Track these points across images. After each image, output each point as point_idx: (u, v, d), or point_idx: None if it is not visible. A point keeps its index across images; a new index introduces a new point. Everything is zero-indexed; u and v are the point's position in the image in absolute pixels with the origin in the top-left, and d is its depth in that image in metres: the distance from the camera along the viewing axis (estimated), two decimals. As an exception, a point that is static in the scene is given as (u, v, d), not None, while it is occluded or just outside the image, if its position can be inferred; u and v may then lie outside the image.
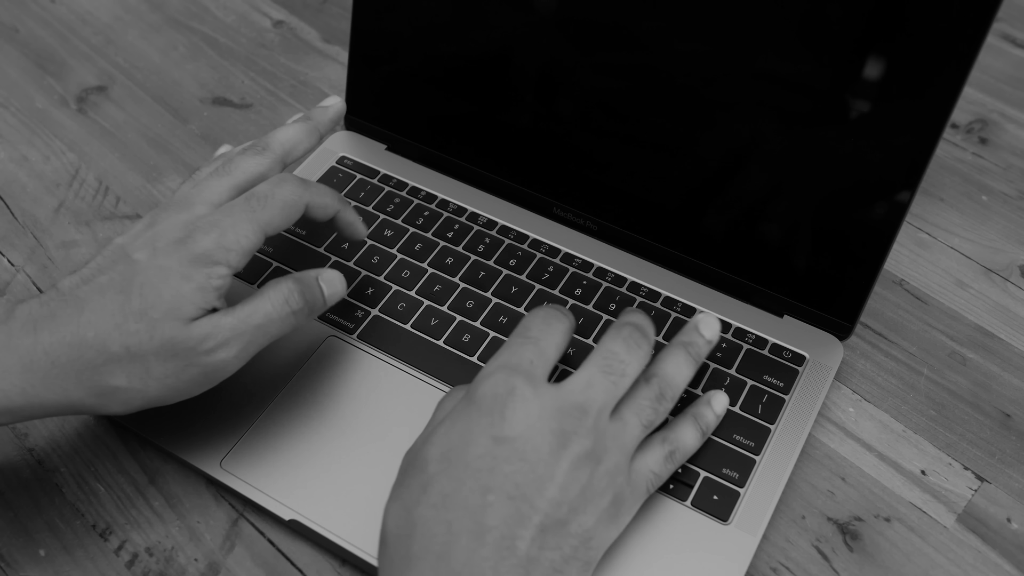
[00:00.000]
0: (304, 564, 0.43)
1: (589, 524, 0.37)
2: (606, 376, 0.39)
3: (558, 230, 0.55)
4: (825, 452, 0.48)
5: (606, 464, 0.38)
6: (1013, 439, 0.49)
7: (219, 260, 0.40)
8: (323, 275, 0.44)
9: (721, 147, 0.49)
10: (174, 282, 0.39)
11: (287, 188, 0.43)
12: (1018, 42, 0.71)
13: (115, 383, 0.39)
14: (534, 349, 0.40)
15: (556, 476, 0.36)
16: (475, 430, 0.37)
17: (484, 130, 0.56)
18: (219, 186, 0.43)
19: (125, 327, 0.39)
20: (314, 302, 0.43)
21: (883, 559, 0.44)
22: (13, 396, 0.38)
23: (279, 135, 0.46)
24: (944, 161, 0.62)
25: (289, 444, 0.45)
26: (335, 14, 0.73)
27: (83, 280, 0.40)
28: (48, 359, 0.38)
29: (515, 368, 0.39)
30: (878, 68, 0.43)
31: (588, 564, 0.38)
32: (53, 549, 0.44)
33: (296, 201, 0.43)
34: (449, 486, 0.36)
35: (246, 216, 0.41)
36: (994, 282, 0.56)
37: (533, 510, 0.36)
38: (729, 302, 0.51)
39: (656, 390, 0.41)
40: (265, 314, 0.41)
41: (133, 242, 0.41)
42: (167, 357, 0.39)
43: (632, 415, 0.40)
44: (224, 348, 0.40)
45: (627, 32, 0.48)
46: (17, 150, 0.62)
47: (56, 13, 0.72)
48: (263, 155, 0.44)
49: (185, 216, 0.41)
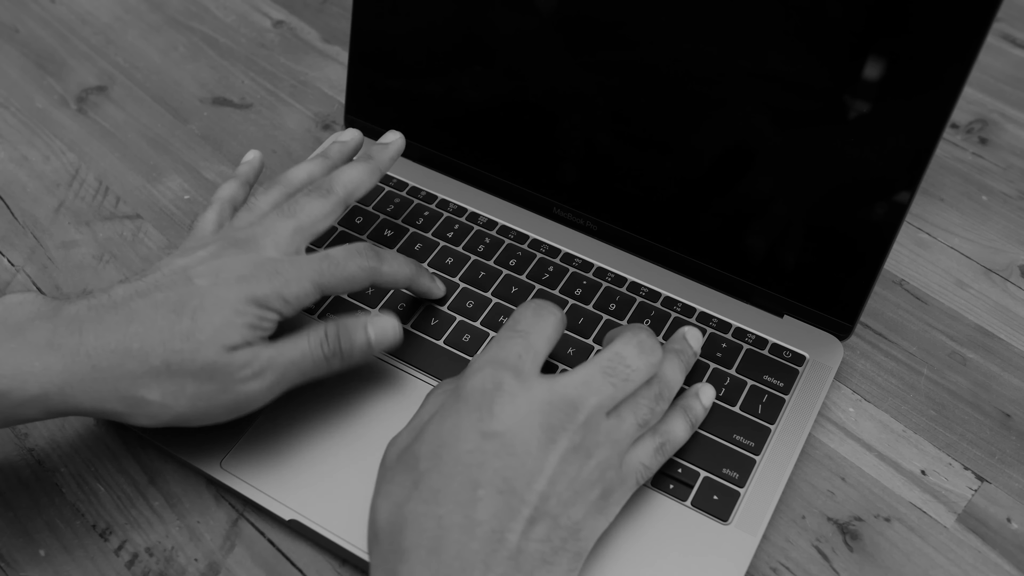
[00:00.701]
0: (304, 564, 0.43)
1: (578, 516, 0.38)
2: (607, 378, 0.39)
3: (558, 230, 0.55)
4: (825, 452, 0.48)
5: (596, 458, 0.38)
6: (1013, 439, 0.49)
7: (274, 307, 0.42)
8: (374, 321, 0.45)
9: (721, 147, 0.49)
10: (227, 313, 0.40)
11: (360, 263, 0.44)
12: (1018, 42, 0.71)
13: (149, 396, 0.40)
14: (523, 343, 0.40)
15: (545, 470, 0.37)
16: (464, 425, 0.37)
17: (484, 130, 0.56)
18: (283, 228, 0.44)
19: (171, 344, 0.40)
20: (351, 349, 0.44)
21: (883, 559, 0.44)
22: (52, 395, 0.39)
23: (343, 177, 0.47)
24: (944, 161, 0.62)
25: (289, 444, 0.45)
26: (335, 14, 0.73)
27: (138, 293, 0.41)
28: (90, 362, 0.39)
29: (503, 363, 0.39)
30: (878, 68, 0.43)
31: (578, 555, 0.38)
32: (53, 549, 0.44)
33: (364, 279, 0.45)
34: (439, 482, 0.36)
35: (311, 276, 0.43)
36: (994, 282, 0.56)
37: (522, 503, 0.36)
38: (729, 302, 0.51)
39: (656, 391, 0.41)
40: (300, 352, 0.42)
41: (196, 267, 0.42)
42: (204, 379, 0.40)
43: (630, 413, 0.40)
44: (258, 378, 0.41)
45: (627, 32, 0.48)
46: (17, 150, 0.62)
47: (56, 13, 0.72)
48: (327, 199, 0.46)
49: (253, 257, 0.43)
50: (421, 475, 0.37)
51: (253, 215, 0.45)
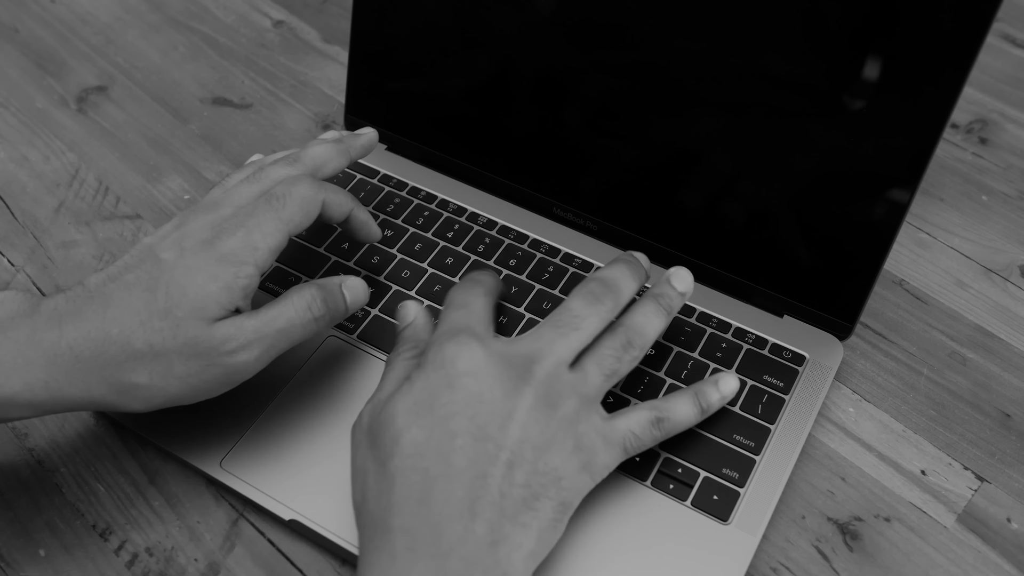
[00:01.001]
0: (304, 564, 0.43)
1: (556, 463, 0.38)
2: (555, 329, 0.41)
3: (558, 230, 0.55)
4: (825, 452, 0.48)
5: (563, 410, 0.39)
6: (1013, 439, 0.49)
7: (246, 259, 0.41)
8: (346, 282, 0.45)
9: (721, 147, 0.49)
10: (200, 281, 0.40)
11: (303, 186, 0.44)
12: (1018, 42, 0.71)
13: (137, 380, 0.40)
14: (464, 312, 0.42)
15: (515, 415, 0.38)
16: (433, 383, 0.39)
17: (484, 130, 0.56)
18: (248, 192, 0.44)
19: (150, 324, 0.39)
20: (336, 309, 0.44)
21: (883, 559, 0.44)
22: (37, 390, 0.39)
23: (311, 151, 0.47)
24: (944, 161, 0.62)
25: (289, 444, 0.45)
26: (335, 14, 0.73)
27: (110, 278, 0.41)
28: (72, 354, 0.39)
29: (457, 329, 0.41)
30: (878, 68, 0.43)
31: (563, 505, 0.39)
32: (53, 549, 0.44)
33: (313, 197, 0.44)
34: (420, 435, 0.38)
35: (270, 215, 0.42)
36: (994, 282, 0.56)
37: (498, 448, 0.37)
38: (729, 302, 0.51)
39: (622, 339, 0.42)
40: (287, 319, 0.42)
41: (161, 242, 0.42)
42: (189, 356, 0.40)
43: (593, 364, 0.41)
44: (246, 350, 0.41)
45: (627, 32, 0.48)
46: (17, 150, 0.62)
47: (56, 13, 0.72)
48: (293, 166, 0.46)
49: (212, 217, 0.43)
50: (400, 431, 0.38)
51: (222, 189, 0.46)
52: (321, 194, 0.44)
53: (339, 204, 0.46)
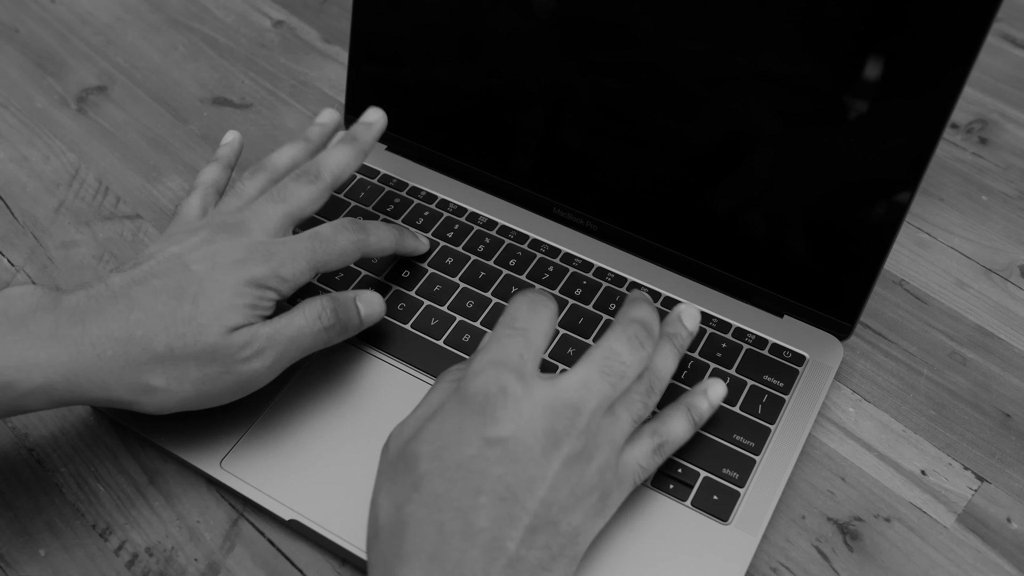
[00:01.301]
0: (304, 564, 0.43)
1: (577, 522, 0.38)
2: (605, 377, 0.39)
3: (558, 230, 0.55)
4: (825, 452, 0.48)
5: (597, 462, 0.38)
6: (1013, 439, 0.49)
7: (272, 287, 0.43)
8: (361, 296, 0.46)
9: (721, 147, 0.49)
10: (227, 296, 0.41)
11: (348, 237, 0.46)
12: (1018, 42, 0.71)
13: (154, 383, 0.40)
14: (522, 341, 0.39)
15: (547, 477, 0.37)
16: (466, 429, 0.37)
17: (484, 130, 0.56)
18: (273, 213, 0.45)
19: (173, 329, 0.40)
20: (348, 321, 0.45)
21: (883, 559, 0.44)
22: (57, 384, 0.39)
23: (329, 162, 0.48)
24: (944, 161, 0.62)
25: (289, 444, 0.45)
26: (335, 14, 0.73)
27: (135, 281, 0.41)
28: (94, 351, 0.39)
29: (504, 363, 0.38)
30: (878, 68, 0.43)
31: (574, 559, 0.38)
32: (53, 549, 0.44)
33: (354, 252, 0.46)
34: (441, 486, 0.36)
35: (304, 255, 0.44)
36: (994, 282, 0.56)
37: (523, 511, 0.36)
38: (729, 302, 0.51)
39: (647, 384, 0.41)
40: (298, 327, 0.43)
41: (191, 253, 0.43)
42: (207, 362, 0.41)
43: (624, 410, 0.40)
44: (259, 357, 0.42)
45: (626, 32, 0.48)
46: (17, 150, 0.62)
47: (56, 13, 0.72)
48: (315, 184, 0.47)
49: (244, 241, 0.43)
50: (422, 477, 0.37)
51: (240, 200, 0.46)
52: (362, 247, 0.46)
53: (382, 249, 0.48)
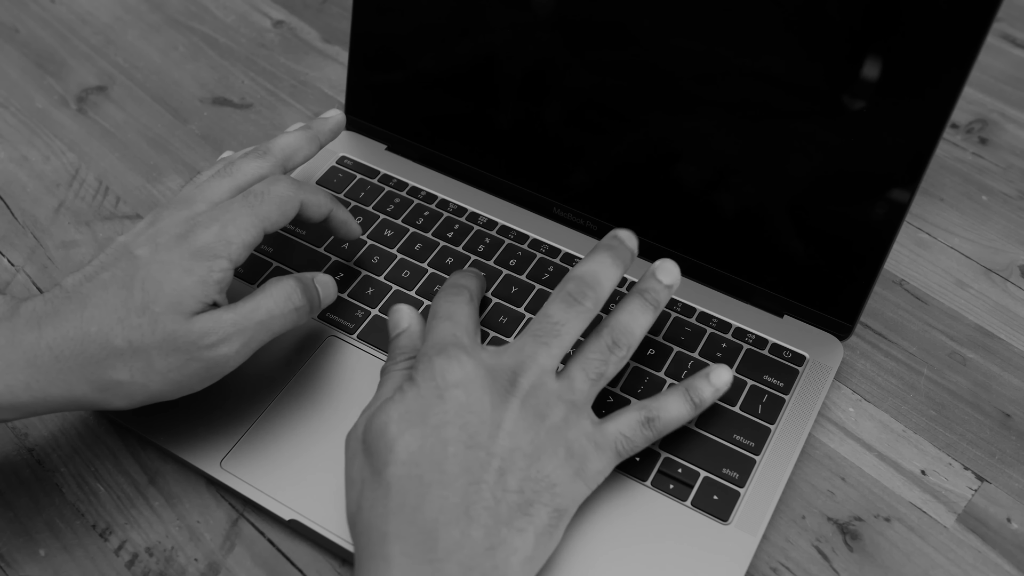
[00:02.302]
0: (304, 564, 0.43)
1: (548, 470, 0.39)
2: (537, 339, 0.40)
3: (558, 230, 0.55)
4: (825, 452, 0.48)
5: (552, 418, 0.39)
6: (1013, 439, 0.49)
7: (220, 253, 0.41)
8: (318, 278, 0.46)
9: (720, 147, 0.49)
10: (175, 276, 0.40)
11: (282, 185, 0.44)
12: (1018, 42, 0.71)
13: (118, 377, 0.40)
14: (449, 324, 0.41)
15: (503, 425, 0.38)
16: (424, 394, 0.39)
17: (484, 130, 0.56)
18: (220, 187, 0.44)
19: (127, 321, 0.40)
20: (313, 301, 0.45)
21: (883, 559, 0.44)
22: (18, 392, 0.39)
23: (280, 141, 0.48)
24: (944, 161, 0.62)
25: (289, 444, 0.45)
26: (335, 14, 0.73)
27: (86, 277, 0.41)
28: (52, 354, 0.39)
29: (442, 342, 0.40)
30: (878, 68, 0.43)
31: (558, 512, 0.39)
32: (53, 549, 0.44)
33: (292, 197, 0.44)
34: (413, 443, 0.38)
35: (245, 211, 0.43)
36: (994, 282, 0.56)
37: (490, 455, 0.38)
38: (729, 302, 0.51)
39: (607, 340, 0.42)
40: (267, 310, 0.42)
41: (135, 239, 0.42)
42: (169, 351, 0.40)
43: (578, 370, 0.41)
44: (226, 343, 0.41)
45: (626, 32, 0.48)
46: (17, 150, 0.62)
47: (56, 13, 0.72)
48: (264, 159, 0.46)
49: (186, 213, 0.43)
50: (394, 439, 0.38)
51: (193, 185, 0.45)
52: (300, 195, 0.45)
53: (318, 205, 0.46)
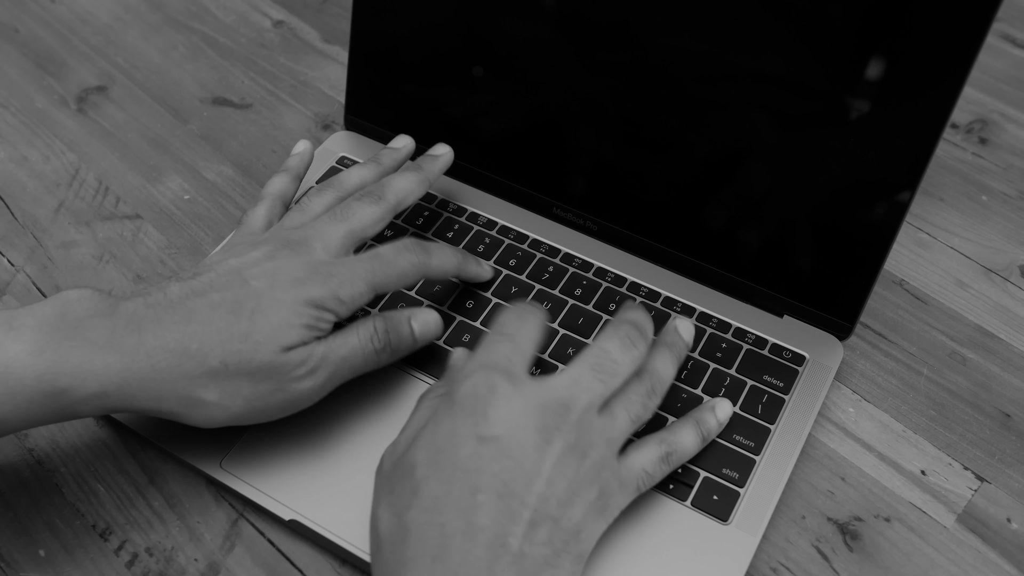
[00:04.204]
0: (304, 564, 0.43)
1: (578, 517, 0.38)
2: (595, 375, 0.40)
3: (558, 230, 0.55)
4: (825, 452, 0.48)
5: (592, 458, 0.38)
6: (1013, 439, 0.49)
7: (330, 308, 0.42)
8: (416, 316, 0.46)
9: (721, 147, 0.49)
10: (285, 314, 0.41)
11: (409, 259, 0.45)
12: (1018, 42, 0.71)
13: (206, 397, 0.40)
14: (510, 345, 0.40)
15: (542, 471, 0.37)
16: (460, 431, 0.37)
17: (484, 130, 0.56)
18: (335, 231, 0.45)
19: (228, 345, 0.40)
20: (399, 342, 0.45)
21: (883, 559, 0.44)
22: (111, 393, 0.39)
23: (395, 185, 0.48)
24: (944, 161, 0.62)
25: (289, 444, 0.45)
26: (335, 14, 0.73)
27: (194, 292, 0.41)
28: (149, 362, 0.39)
29: (494, 366, 0.39)
30: (878, 68, 0.43)
31: (580, 557, 0.38)
32: (53, 549, 0.44)
33: (415, 274, 0.46)
34: (439, 488, 0.36)
35: (364, 276, 0.44)
36: (994, 282, 0.56)
37: (523, 506, 0.36)
38: (729, 302, 0.51)
39: (647, 386, 0.42)
40: (351, 347, 0.43)
41: (251, 268, 0.42)
42: (261, 379, 0.41)
43: (622, 410, 0.40)
44: (312, 376, 0.42)
45: (627, 32, 0.48)
46: (17, 150, 0.62)
47: (56, 13, 0.72)
48: (378, 205, 0.47)
49: (306, 259, 0.43)
50: (419, 483, 0.37)
51: (305, 216, 0.46)
52: (423, 269, 0.46)
53: (443, 272, 0.47)
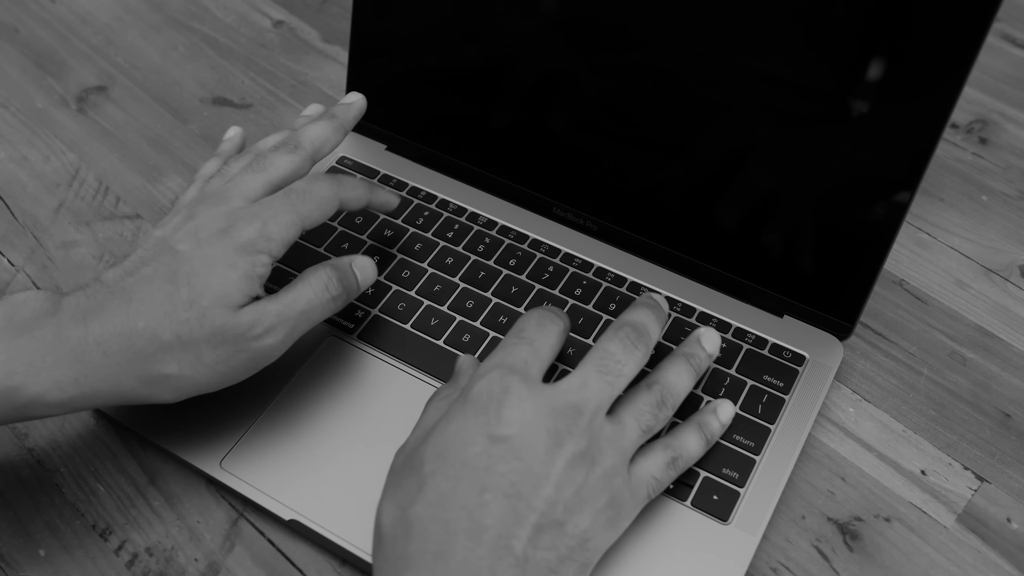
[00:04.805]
0: (304, 564, 0.43)
1: (585, 524, 0.37)
2: (602, 376, 0.39)
3: (558, 230, 0.55)
4: (825, 452, 0.48)
5: (602, 465, 0.38)
6: (1013, 439, 0.49)
7: (262, 249, 0.42)
8: (356, 261, 0.46)
9: (721, 147, 0.49)
10: (220, 270, 0.41)
11: (323, 185, 0.45)
12: (1018, 42, 0.71)
13: (166, 371, 0.40)
14: (529, 349, 0.40)
15: (552, 475, 0.37)
16: (471, 429, 0.37)
17: (484, 130, 0.56)
18: (253, 182, 0.44)
19: (175, 316, 0.40)
20: (350, 288, 0.45)
21: (883, 559, 0.44)
22: (66, 387, 0.39)
23: (309, 133, 0.47)
24: (944, 161, 0.62)
25: (289, 444, 0.45)
26: (335, 14, 0.73)
27: (127, 272, 0.41)
28: (99, 349, 0.39)
29: (510, 367, 0.39)
30: (878, 68, 0.43)
31: (585, 566, 0.38)
32: (53, 549, 0.44)
33: (332, 197, 0.45)
34: (445, 485, 0.36)
35: (286, 209, 0.43)
36: (994, 282, 0.56)
37: (529, 509, 0.36)
38: (729, 302, 0.51)
39: (657, 396, 0.41)
40: (307, 300, 0.43)
41: (174, 234, 0.42)
42: (217, 344, 0.40)
43: (631, 419, 0.40)
44: (271, 334, 0.42)
45: (628, 33, 0.48)
46: (17, 150, 0.62)
47: (56, 13, 0.72)
48: (295, 153, 0.46)
49: (224, 208, 0.43)
50: (426, 478, 0.37)
51: (224, 179, 0.46)
52: (340, 193, 0.46)
53: (356, 200, 0.47)
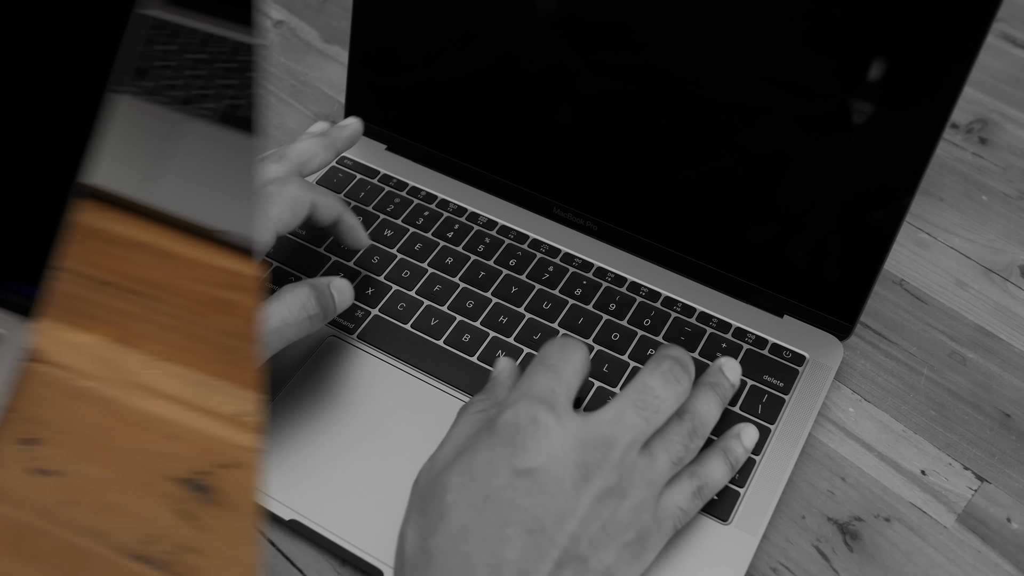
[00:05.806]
0: (304, 564, 0.43)
1: (610, 560, 0.37)
2: (639, 411, 0.38)
3: (558, 230, 0.55)
4: (825, 452, 0.48)
5: (631, 499, 0.37)
6: (1013, 439, 0.49)
7: None
8: (334, 283, 0.46)
9: (720, 148, 0.49)
10: None
11: (292, 187, 0.45)
12: (1018, 42, 0.71)
13: None
14: (554, 376, 0.39)
15: (577, 510, 0.36)
16: (496, 460, 0.36)
17: (484, 130, 0.56)
18: None
19: None
20: (327, 308, 0.45)
21: (883, 559, 0.44)
22: None
23: (296, 147, 0.48)
24: (944, 161, 0.62)
25: (288, 444, 0.45)
26: (335, 14, 0.73)
27: None
28: None
29: (536, 397, 0.38)
30: (878, 68, 0.43)
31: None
32: (53, 549, 0.44)
33: (302, 198, 0.45)
34: (467, 517, 0.36)
35: (256, 213, 0.43)
36: (994, 282, 0.56)
37: (552, 545, 0.35)
38: (729, 302, 0.51)
39: (689, 427, 0.40)
40: (282, 319, 0.42)
41: None
42: None
43: (663, 451, 0.39)
44: None
45: (628, 33, 0.48)
46: None
47: (56, 13, 0.72)
48: (280, 163, 0.47)
49: None
50: (448, 507, 0.36)
51: None
52: (310, 195, 0.45)
53: (327, 207, 0.47)
